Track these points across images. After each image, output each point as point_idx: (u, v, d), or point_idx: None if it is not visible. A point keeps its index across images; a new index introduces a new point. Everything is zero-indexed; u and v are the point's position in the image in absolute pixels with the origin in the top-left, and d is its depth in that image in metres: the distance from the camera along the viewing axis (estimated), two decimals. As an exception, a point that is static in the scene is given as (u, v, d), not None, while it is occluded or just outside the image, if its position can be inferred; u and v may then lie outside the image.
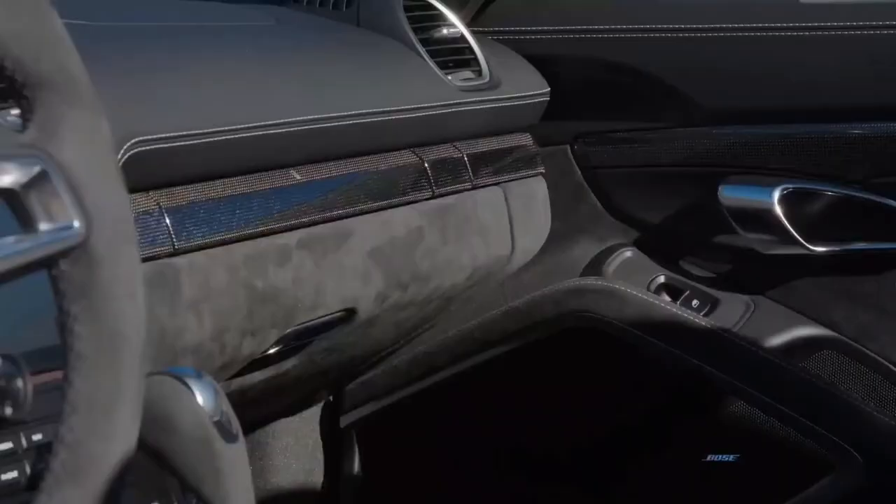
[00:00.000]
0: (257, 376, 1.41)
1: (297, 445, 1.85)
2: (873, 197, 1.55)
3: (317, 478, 1.87)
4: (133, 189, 1.12)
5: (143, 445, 0.88)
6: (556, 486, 1.80)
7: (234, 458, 0.90)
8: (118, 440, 0.68)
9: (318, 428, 1.86)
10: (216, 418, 0.89)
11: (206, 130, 1.16)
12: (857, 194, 1.56)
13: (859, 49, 1.52)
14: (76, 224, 0.66)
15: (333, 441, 1.85)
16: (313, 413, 1.86)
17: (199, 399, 0.89)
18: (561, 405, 1.76)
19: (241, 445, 0.91)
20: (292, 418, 1.84)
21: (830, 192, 1.57)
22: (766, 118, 1.59)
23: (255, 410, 1.69)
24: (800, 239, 1.55)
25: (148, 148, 1.09)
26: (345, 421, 1.82)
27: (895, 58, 1.52)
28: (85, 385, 0.67)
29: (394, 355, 1.75)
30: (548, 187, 1.68)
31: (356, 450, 1.84)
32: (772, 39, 1.55)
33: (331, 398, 1.84)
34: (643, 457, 1.77)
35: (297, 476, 1.85)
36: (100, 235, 0.67)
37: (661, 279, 1.69)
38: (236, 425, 0.92)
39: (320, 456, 1.87)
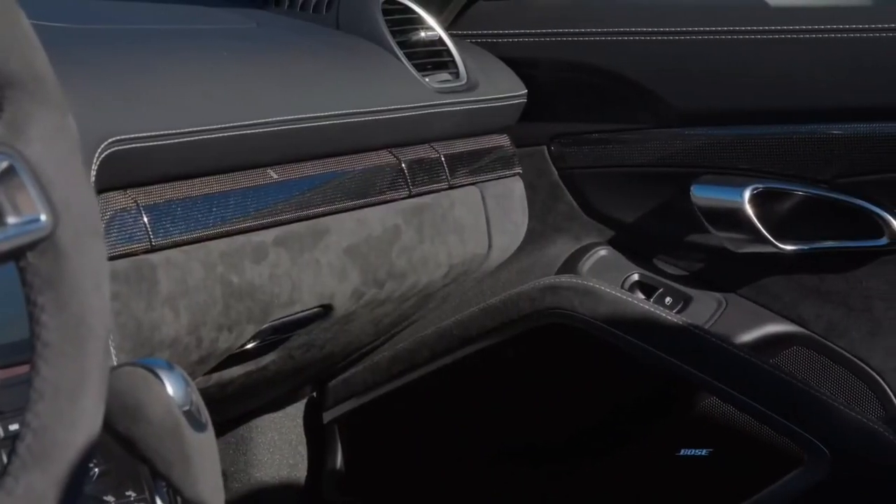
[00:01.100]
0: (236, 371, 1.44)
1: (281, 441, 1.87)
2: (840, 196, 1.58)
3: (300, 472, 1.89)
4: (111, 187, 1.15)
5: (115, 434, 0.91)
6: (533, 480, 1.83)
7: (202, 446, 0.92)
8: (82, 426, 0.70)
9: (301, 424, 1.89)
10: (186, 408, 0.92)
11: (182, 130, 1.19)
12: (824, 194, 1.59)
13: (827, 51, 1.55)
14: (43, 217, 0.68)
15: (317, 436, 1.88)
16: (297, 409, 1.89)
17: (169, 389, 0.91)
18: (537, 400, 1.79)
19: (209, 434, 0.93)
20: (276, 414, 1.86)
21: (799, 191, 1.60)
22: (736, 119, 1.62)
23: (238, 406, 1.72)
24: (769, 238, 1.58)
25: (124, 147, 1.12)
26: (328, 417, 1.84)
27: (861, 60, 1.55)
28: (51, 372, 0.69)
29: (375, 352, 1.78)
30: (525, 187, 1.71)
31: (339, 445, 1.86)
32: (742, 42, 1.58)
33: (314, 394, 1.86)
34: (618, 451, 1.79)
35: (280, 470, 1.87)
36: (66, 228, 0.69)
37: (636, 277, 1.71)
38: (205, 415, 0.94)
39: (304, 451, 1.89)
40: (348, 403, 1.82)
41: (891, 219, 1.56)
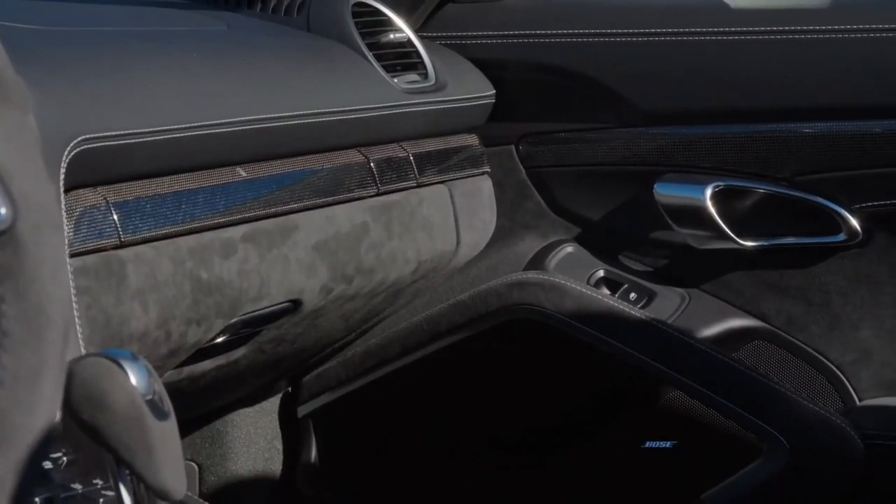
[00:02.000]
0: (208, 365, 1.46)
1: (256, 435, 1.90)
2: (799, 194, 1.62)
3: (275, 466, 1.92)
4: (81, 184, 1.18)
5: (80, 422, 0.94)
6: (502, 473, 1.85)
7: (165, 434, 0.94)
8: (41, 411, 0.73)
9: (276, 418, 1.91)
10: (148, 397, 0.94)
11: (150, 129, 1.22)
12: (784, 191, 1.63)
13: (786, 52, 1.59)
14: (3, 210, 0.70)
15: (291, 430, 1.90)
16: (272, 404, 1.91)
17: (133, 379, 0.94)
18: (506, 394, 1.82)
19: (171, 423, 0.96)
20: (251, 409, 1.89)
21: (759, 189, 1.63)
22: (698, 119, 1.65)
23: (211, 400, 1.75)
24: (731, 234, 1.62)
25: (94, 145, 1.15)
26: (302, 411, 1.86)
27: (820, 60, 1.59)
28: (10, 360, 0.72)
29: (348, 347, 1.81)
30: (493, 185, 1.75)
31: (313, 439, 1.89)
32: (703, 43, 1.62)
33: (288, 389, 1.89)
34: (584, 444, 1.82)
35: (256, 464, 1.90)
36: (25, 221, 0.71)
37: (601, 273, 1.74)
38: (168, 405, 0.97)
39: (279, 445, 1.91)
40: (322, 398, 1.84)
41: (848, 215, 1.60)
